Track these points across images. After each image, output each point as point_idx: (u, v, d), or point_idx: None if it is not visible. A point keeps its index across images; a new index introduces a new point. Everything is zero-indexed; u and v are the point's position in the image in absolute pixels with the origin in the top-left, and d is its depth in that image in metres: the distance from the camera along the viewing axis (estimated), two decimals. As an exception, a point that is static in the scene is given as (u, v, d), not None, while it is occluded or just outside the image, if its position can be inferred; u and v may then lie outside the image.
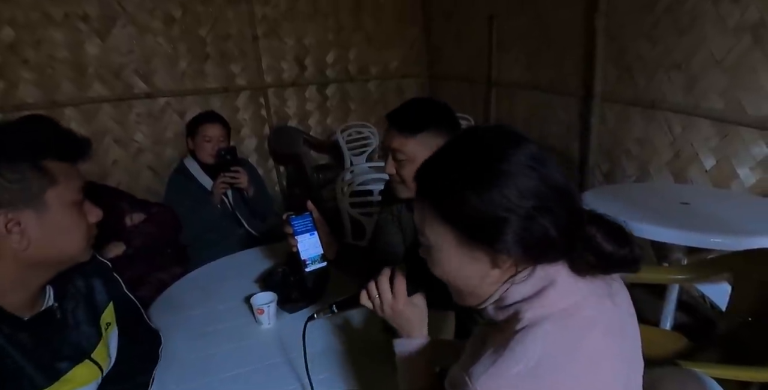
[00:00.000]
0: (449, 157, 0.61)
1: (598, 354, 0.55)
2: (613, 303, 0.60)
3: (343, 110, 3.93)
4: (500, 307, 0.60)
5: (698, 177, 2.16)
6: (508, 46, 3.21)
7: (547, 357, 0.52)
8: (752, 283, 1.33)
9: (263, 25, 3.45)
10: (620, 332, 0.60)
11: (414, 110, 1.09)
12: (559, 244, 0.56)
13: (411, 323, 0.74)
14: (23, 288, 0.75)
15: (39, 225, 0.71)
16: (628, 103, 2.43)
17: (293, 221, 1.02)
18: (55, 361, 0.78)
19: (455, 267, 0.61)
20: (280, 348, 1.03)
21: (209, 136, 1.91)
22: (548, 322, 0.55)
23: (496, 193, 0.55)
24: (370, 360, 0.93)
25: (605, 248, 0.59)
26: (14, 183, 0.69)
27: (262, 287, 1.24)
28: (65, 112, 3.03)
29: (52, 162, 0.73)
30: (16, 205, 0.69)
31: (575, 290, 0.58)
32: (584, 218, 0.59)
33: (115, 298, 0.95)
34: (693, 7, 2.03)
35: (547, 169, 0.57)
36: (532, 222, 0.55)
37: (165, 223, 1.55)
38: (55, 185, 0.72)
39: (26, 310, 0.76)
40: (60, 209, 0.73)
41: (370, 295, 0.74)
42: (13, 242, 0.70)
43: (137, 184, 3.22)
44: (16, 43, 2.82)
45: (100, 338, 0.88)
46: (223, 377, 0.95)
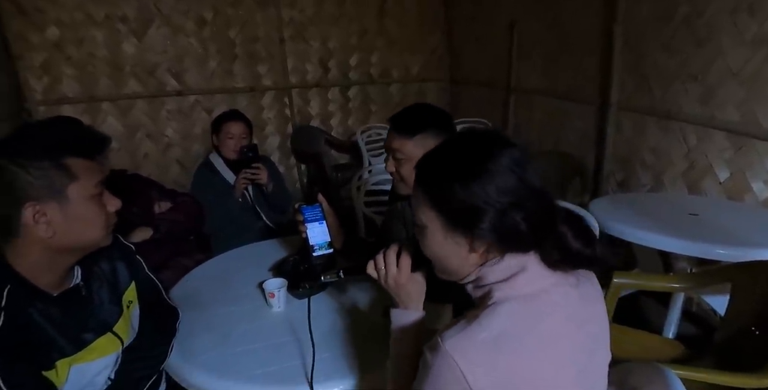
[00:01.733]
0: (445, 153, 0.70)
1: (555, 335, 0.63)
2: (580, 296, 0.68)
3: (364, 112, 4.02)
4: (477, 286, 0.69)
5: (712, 188, 2.16)
6: (528, 52, 3.25)
7: (508, 330, 0.61)
8: (750, 293, 1.35)
9: (290, 28, 3.58)
10: (583, 322, 0.67)
11: (413, 114, 1.18)
12: (528, 237, 0.64)
13: (410, 296, 0.81)
14: (52, 269, 0.85)
15: (63, 216, 0.80)
16: (644, 112, 2.44)
17: (304, 210, 1.12)
18: (82, 332, 0.88)
19: (440, 247, 0.70)
20: (288, 329, 1.11)
21: (232, 133, 2.02)
22: (515, 301, 0.63)
23: (479, 187, 0.63)
24: (371, 343, 1.01)
25: (572, 246, 0.67)
26: (39, 179, 0.77)
27: (275, 274, 1.33)
28: (102, 106, 3.21)
29: (73, 159, 0.81)
30: (41, 199, 0.78)
31: (543, 278, 0.66)
32: (557, 218, 0.67)
33: (137, 278, 1.05)
34: (710, 19, 2.05)
35: (527, 172, 0.65)
36: (506, 216, 0.63)
37: (190, 212, 1.67)
38: (75, 181, 0.81)
39: (56, 287, 0.86)
40: (81, 202, 0.82)
41: (376, 265, 0.81)
42: (41, 231, 0.79)
43: (166, 177, 3.37)
44: (60, 42, 3.01)
45: (122, 314, 0.98)
46: (236, 351, 1.04)
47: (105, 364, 0.93)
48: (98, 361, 0.91)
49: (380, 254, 0.81)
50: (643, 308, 2.27)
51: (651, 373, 0.75)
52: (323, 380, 0.92)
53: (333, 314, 1.17)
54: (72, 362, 0.85)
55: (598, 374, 0.71)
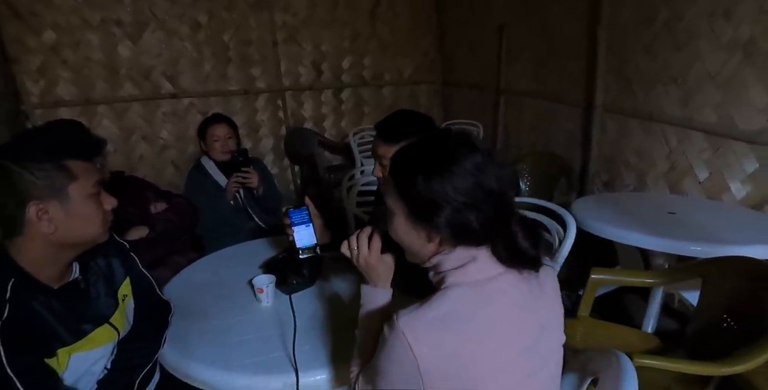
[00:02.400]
0: (417, 149, 0.78)
1: (498, 318, 0.70)
2: (528, 287, 0.75)
3: (357, 114, 4.08)
4: (436, 273, 0.76)
5: (692, 188, 2.22)
6: (517, 56, 3.32)
7: (454, 310, 0.69)
8: (719, 288, 1.41)
9: (283, 31, 3.64)
10: (529, 309, 0.74)
11: (398, 121, 1.24)
12: (480, 234, 0.72)
13: (378, 275, 0.88)
14: (53, 264, 0.91)
15: (63, 213, 0.86)
16: (628, 114, 2.50)
17: (291, 214, 1.16)
18: (81, 323, 0.94)
19: (402, 233, 0.78)
20: (276, 322, 1.17)
21: (217, 135, 2.07)
22: (464, 286, 0.71)
23: (438, 185, 0.70)
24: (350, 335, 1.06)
25: (521, 245, 0.74)
26: (42, 179, 0.84)
27: (264, 271, 1.39)
28: (98, 109, 3.27)
29: (72, 161, 0.87)
30: (44, 198, 0.84)
31: (492, 269, 0.73)
32: (511, 219, 0.74)
33: (131, 273, 1.12)
34: (689, 23, 2.11)
35: (485, 176, 0.71)
36: (460, 213, 0.70)
37: (184, 212, 1.73)
38: (75, 181, 0.87)
39: (56, 281, 0.92)
40: (80, 200, 0.88)
41: (350, 246, 0.88)
42: (43, 227, 0.85)
43: (161, 178, 3.43)
44: (56, 45, 3.07)
45: (117, 307, 1.04)
46: (228, 342, 1.10)
47: (102, 353, 0.99)
48: (96, 350, 0.96)
49: (354, 236, 0.88)
50: (626, 304, 2.33)
51: (608, 358, 0.81)
52: (306, 369, 0.98)
53: (316, 309, 1.23)
54: (72, 351, 0.90)
55: (548, 356, 0.77)
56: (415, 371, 0.66)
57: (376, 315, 0.87)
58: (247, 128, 3.71)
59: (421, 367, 0.66)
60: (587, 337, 1.54)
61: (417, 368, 0.66)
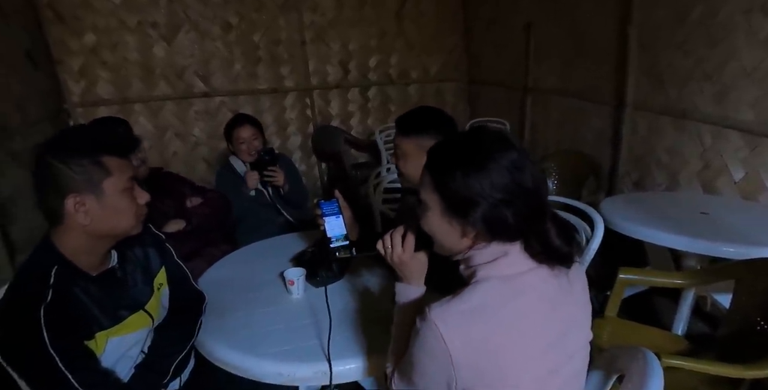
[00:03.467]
0: (455, 145, 0.79)
1: (527, 311, 0.72)
2: (558, 284, 0.76)
3: (383, 112, 4.11)
4: (467, 266, 0.78)
5: (727, 188, 2.17)
6: (544, 53, 3.29)
7: (485, 302, 0.70)
8: (753, 290, 1.38)
9: (311, 31, 3.70)
10: (558, 304, 0.75)
11: (415, 116, 1.28)
12: (514, 230, 0.73)
13: (412, 273, 0.90)
14: (91, 252, 0.97)
15: (99, 206, 0.91)
16: (660, 112, 2.46)
17: (322, 205, 1.21)
18: (117, 309, 1.00)
19: (437, 227, 0.79)
20: (306, 313, 1.21)
21: (242, 138, 2.12)
22: (494, 280, 0.73)
23: (476, 181, 0.72)
24: (379, 326, 1.09)
25: (553, 242, 0.75)
26: (79, 174, 0.89)
27: (295, 264, 1.43)
28: (134, 108, 3.40)
29: (108, 157, 0.92)
30: (81, 191, 0.89)
31: (523, 264, 0.75)
32: (545, 216, 0.75)
33: (166, 264, 1.18)
34: (725, 19, 2.06)
35: (521, 173, 0.73)
36: (496, 209, 0.72)
37: (218, 206, 1.80)
38: (110, 176, 0.92)
39: (95, 269, 0.98)
40: (114, 195, 0.92)
41: (384, 244, 0.90)
42: (80, 219, 0.90)
43: (193, 174, 3.53)
44: (96, 47, 3.20)
45: (153, 295, 1.10)
46: (260, 332, 1.15)
47: (137, 338, 1.05)
48: (131, 335, 1.02)
49: (388, 234, 0.91)
50: (655, 307, 2.29)
51: (635, 356, 0.82)
52: (337, 358, 1.02)
53: (347, 301, 1.26)
54: (109, 335, 0.96)
55: (574, 349, 0.79)
56: (447, 362, 0.68)
57: (410, 311, 0.88)
58: (276, 126, 3.79)
59: (453, 357, 0.68)
60: (614, 337, 1.53)
61: (449, 359, 0.68)
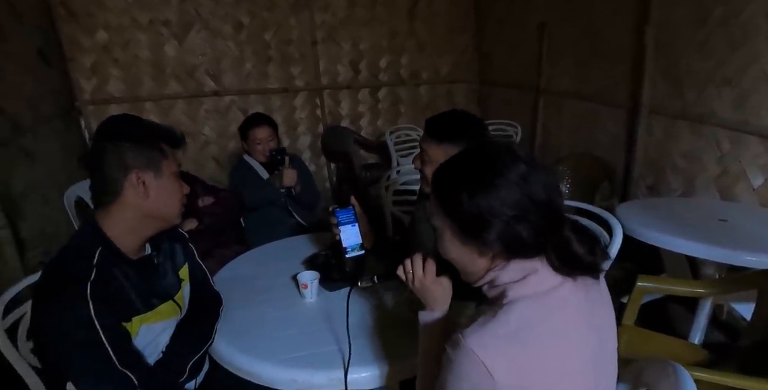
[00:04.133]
0: (457, 164, 0.77)
1: (565, 326, 0.69)
2: (586, 296, 0.73)
3: (393, 113, 4.09)
4: (492, 286, 0.75)
5: (745, 194, 2.13)
6: (558, 54, 3.25)
7: (524, 324, 0.67)
8: (776, 299, 1.35)
9: (322, 30, 3.68)
10: (590, 315, 0.73)
11: (448, 121, 1.23)
12: (531, 245, 0.70)
13: (435, 299, 0.87)
14: (134, 236, 1.02)
15: (156, 185, 0.99)
16: (676, 116, 2.42)
17: (338, 213, 1.18)
18: (151, 296, 1.04)
19: (452, 250, 0.77)
20: (320, 318, 1.20)
21: (259, 138, 2.11)
22: (528, 299, 0.69)
23: (485, 200, 0.69)
24: (397, 333, 1.08)
25: (576, 251, 0.71)
26: (143, 153, 0.98)
27: (308, 267, 1.41)
28: (145, 106, 3.40)
29: (164, 145, 1.03)
30: (143, 168, 0.98)
31: (552, 278, 0.72)
32: (562, 226, 0.72)
33: (189, 261, 1.21)
34: (747, 22, 2.02)
35: (531, 186, 0.70)
36: (510, 227, 0.69)
37: (230, 206, 1.78)
38: (167, 159, 1.02)
39: (135, 254, 1.03)
40: (169, 176, 1.02)
41: (405, 269, 0.88)
42: (140, 194, 0.97)
43: (202, 173, 3.50)
44: (108, 45, 3.20)
45: (180, 287, 1.14)
46: (271, 336, 1.13)
47: (165, 327, 1.07)
48: (161, 323, 1.06)
49: (408, 259, 0.88)
50: (671, 314, 2.25)
51: (663, 370, 0.79)
52: (352, 365, 0.99)
53: (362, 306, 1.24)
54: (142, 321, 1.00)
55: (608, 360, 0.76)
56: (490, 388, 0.64)
57: (436, 338, 0.85)
58: (286, 126, 3.78)
59: (498, 383, 0.64)
60: (631, 346, 1.49)
61: (493, 386, 0.64)
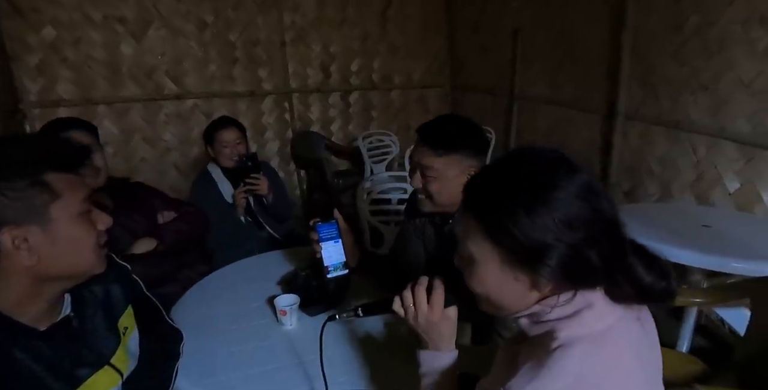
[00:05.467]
0: (503, 176, 0.62)
1: (630, 376, 0.57)
2: (643, 328, 0.62)
3: (365, 118, 3.98)
4: (535, 322, 0.62)
5: (721, 199, 2.14)
6: (532, 60, 3.23)
7: (583, 376, 0.54)
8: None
9: (291, 32, 3.54)
10: (648, 357, 0.62)
11: (448, 129, 1.09)
12: (601, 273, 0.58)
13: (442, 337, 0.73)
14: (38, 300, 0.75)
15: (47, 239, 0.71)
16: (652, 122, 2.42)
17: (319, 228, 1.06)
18: (75, 368, 0.78)
19: (494, 283, 0.62)
20: (302, 348, 1.06)
21: (226, 141, 1.95)
22: (584, 342, 0.56)
23: (549, 220, 0.56)
24: (389, 364, 0.96)
25: (644, 279, 0.60)
26: (15, 200, 0.68)
27: (285, 289, 1.28)
28: (99, 109, 3.15)
29: (53, 174, 0.72)
30: (20, 222, 0.69)
31: (610, 314, 0.59)
32: (627, 249, 0.61)
33: (134, 300, 0.97)
34: (722, 30, 2.03)
35: (599, 200, 0.58)
36: (578, 251, 0.56)
37: (195, 221, 1.61)
38: (58, 199, 0.72)
39: (43, 321, 0.77)
40: (66, 222, 0.73)
41: (404, 303, 0.73)
42: (23, 258, 0.70)
43: (163, 182, 3.31)
44: (56, 42, 2.95)
45: (119, 343, 0.89)
46: (246, 374, 0.99)
47: None
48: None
49: (408, 290, 0.73)
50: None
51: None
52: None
53: (348, 334, 1.11)
54: None
55: None
56: None
57: (446, 384, 0.72)
58: (253, 131, 3.60)
59: None
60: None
61: None
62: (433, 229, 1.18)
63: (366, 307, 0.79)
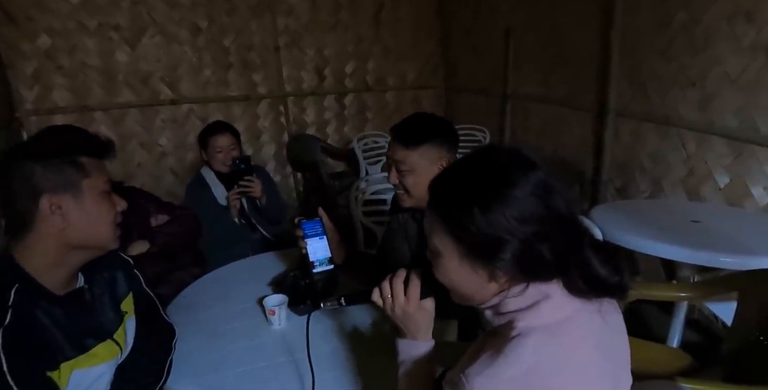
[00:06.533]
0: (462, 174, 0.65)
1: (584, 366, 0.59)
2: (603, 320, 0.64)
3: (360, 120, 4.01)
4: (498, 313, 0.65)
5: (711, 194, 2.15)
6: (524, 60, 3.26)
7: (537, 365, 0.57)
8: (757, 302, 1.33)
9: (285, 36, 3.57)
10: (609, 348, 0.64)
11: (416, 124, 1.15)
12: (553, 266, 0.60)
13: (418, 326, 0.76)
14: (59, 268, 0.87)
15: (77, 209, 0.85)
16: (642, 119, 2.44)
17: (304, 225, 1.09)
18: (83, 337, 0.89)
19: (456, 275, 0.65)
20: (290, 347, 1.08)
21: (220, 146, 1.97)
22: (540, 332, 0.59)
23: (501, 216, 0.59)
24: (375, 362, 0.98)
25: (599, 273, 0.62)
26: (55, 174, 0.83)
27: (275, 290, 1.30)
28: (95, 116, 3.18)
29: (86, 158, 0.87)
30: (57, 192, 0.83)
31: (567, 305, 0.62)
32: (583, 243, 0.63)
33: (134, 291, 1.06)
34: (708, 26, 2.05)
35: (553, 197, 0.60)
36: (530, 246, 0.59)
37: (188, 225, 1.63)
38: (88, 177, 0.86)
39: (61, 288, 0.88)
40: (93, 197, 0.87)
41: (382, 293, 0.76)
42: (56, 222, 0.83)
43: (159, 187, 3.33)
44: (51, 50, 2.98)
45: (122, 322, 0.99)
46: (236, 372, 1.00)
47: (103, 371, 0.92)
48: (98, 367, 0.91)
49: (386, 281, 0.76)
50: (644, 315, 2.25)
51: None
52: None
53: (335, 332, 1.13)
54: (74, 366, 0.85)
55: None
56: None
57: (423, 373, 0.75)
58: (249, 135, 3.63)
59: None
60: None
61: None
62: (416, 225, 1.20)
63: (348, 297, 0.83)
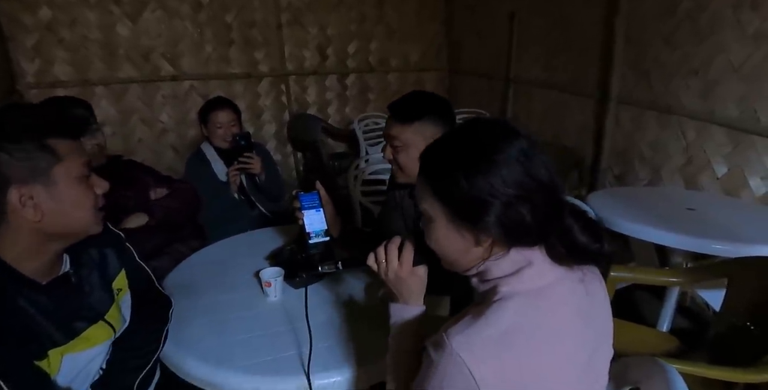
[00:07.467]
0: (450, 143, 0.69)
1: (562, 331, 0.63)
2: (586, 290, 0.67)
3: (361, 100, 3.99)
4: (483, 280, 0.68)
5: (709, 184, 2.17)
6: (528, 44, 3.23)
7: (515, 326, 0.60)
8: (745, 288, 1.36)
9: (288, 13, 3.52)
10: (588, 317, 0.67)
11: (412, 101, 1.17)
12: (534, 230, 0.63)
13: (411, 291, 0.79)
14: (40, 256, 0.82)
15: (50, 198, 0.78)
16: (644, 106, 2.43)
17: (301, 197, 1.11)
18: (73, 321, 0.86)
19: (444, 239, 0.69)
20: (285, 318, 1.11)
21: (220, 122, 1.98)
22: (521, 296, 0.63)
23: (483, 179, 0.62)
24: (369, 333, 1.01)
25: (579, 240, 0.65)
26: (23, 161, 0.75)
27: (272, 263, 1.32)
28: (96, 90, 3.16)
29: (56, 140, 0.79)
30: (26, 181, 0.76)
31: (549, 273, 0.65)
32: (564, 211, 0.66)
33: (127, 266, 1.03)
34: (713, 14, 2.03)
35: (533, 163, 0.63)
36: (511, 208, 0.62)
37: (186, 198, 1.65)
38: (60, 162, 0.78)
39: (44, 275, 0.84)
40: (67, 183, 0.80)
41: (377, 258, 0.79)
42: (28, 214, 0.77)
43: (160, 163, 3.34)
44: (52, 23, 2.95)
45: (113, 302, 0.96)
46: (233, 340, 1.03)
47: (97, 352, 0.92)
48: (91, 350, 0.89)
49: (381, 246, 0.79)
50: (637, 301, 2.29)
51: (650, 367, 0.75)
52: (320, 370, 0.92)
53: (330, 304, 1.16)
54: (64, 352, 0.83)
55: (600, 370, 0.71)
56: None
57: (409, 335, 0.78)
58: (250, 113, 3.62)
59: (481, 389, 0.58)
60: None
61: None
62: (412, 202, 1.22)
63: (345, 261, 0.87)
